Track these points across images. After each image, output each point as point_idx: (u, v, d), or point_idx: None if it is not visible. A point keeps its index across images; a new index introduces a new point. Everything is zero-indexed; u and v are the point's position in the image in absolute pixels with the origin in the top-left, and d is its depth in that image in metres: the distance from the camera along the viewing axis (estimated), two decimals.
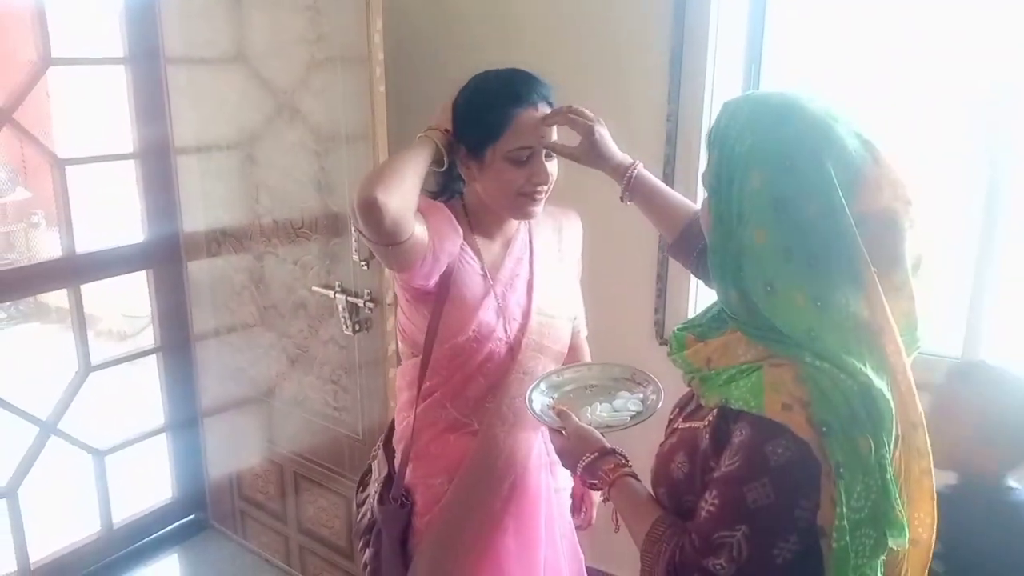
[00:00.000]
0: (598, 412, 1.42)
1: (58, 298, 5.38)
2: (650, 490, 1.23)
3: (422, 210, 1.49)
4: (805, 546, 0.98)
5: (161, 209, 2.89)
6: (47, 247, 5.78)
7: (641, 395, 1.46)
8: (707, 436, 1.08)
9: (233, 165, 2.63)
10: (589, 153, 1.54)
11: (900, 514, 0.99)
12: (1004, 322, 2.08)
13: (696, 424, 1.13)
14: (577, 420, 1.36)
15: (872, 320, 0.99)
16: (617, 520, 1.26)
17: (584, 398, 1.48)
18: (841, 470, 0.95)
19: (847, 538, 0.96)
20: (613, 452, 1.28)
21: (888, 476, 0.98)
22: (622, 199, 1.56)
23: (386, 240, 1.40)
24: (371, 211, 1.34)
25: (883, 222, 0.99)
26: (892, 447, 0.99)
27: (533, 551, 1.69)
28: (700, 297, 2.43)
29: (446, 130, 1.54)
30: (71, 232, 2.66)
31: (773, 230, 0.99)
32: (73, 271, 2.71)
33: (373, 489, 1.76)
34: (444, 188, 1.67)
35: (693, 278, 2.40)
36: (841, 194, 0.97)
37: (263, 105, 2.46)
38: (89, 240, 2.82)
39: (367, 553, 1.76)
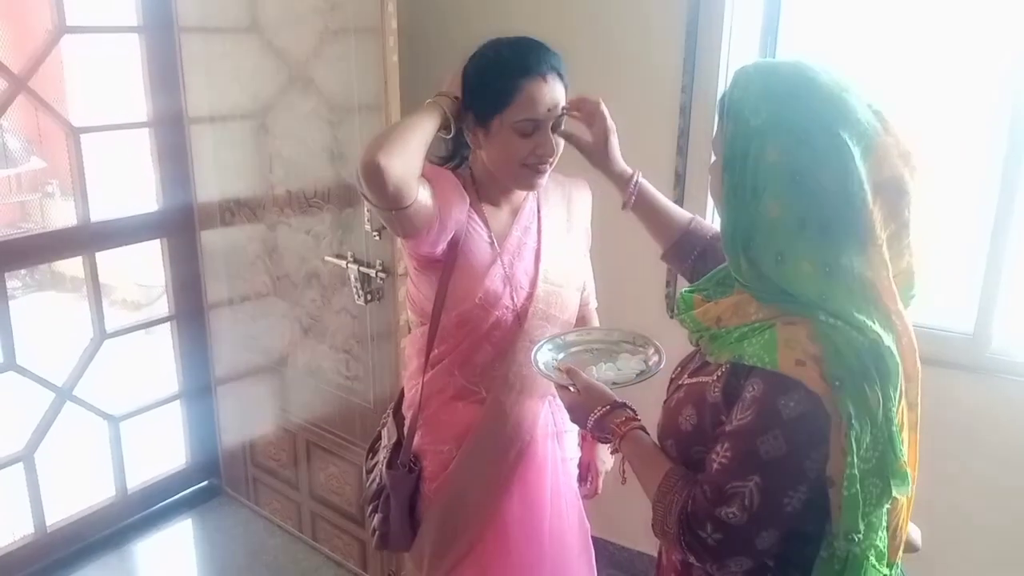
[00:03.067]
0: (603, 371, 1.44)
1: (73, 267, 5.41)
2: (657, 443, 1.26)
3: (428, 177, 1.49)
4: (813, 494, 1.03)
5: (175, 178, 2.90)
6: (62, 216, 5.81)
7: (643, 356, 1.49)
8: (717, 390, 1.11)
9: (247, 135, 2.64)
10: (598, 153, 1.58)
11: (904, 464, 1.05)
12: (1018, 299, 2.07)
13: (704, 379, 1.15)
14: (586, 376, 1.38)
15: (876, 281, 1.03)
16: (624, 472, 1.30)
17: (587, 359, 1.50)
18: (853, 422, 0.99)
19: (857, 486, 1.01)
20: (624, 406, 1.31)
21: (894, 428, 1.03)
22: (624, 207, 1.60)
23: (389, 204, 1.40)
24: (374, 175, 1.35)
25: (894, 189, 1.02)
26: (897, 401, 1.04)
27: (538, 519, 1.71)
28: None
29: (456, 97, 1.54)
30: (86, 201, 2.68)
31: (788, 202, 1.02)
32: (88, 240, 2.73)
33: (382, 455, 1.78)
34: (453, 154, 1.67)
35: None
36: (858, 161, 1.00)
37: (277, 75, 2.46)
38: (104, 209, 2.83)
39: (376, 518, 1.78)
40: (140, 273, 5.43)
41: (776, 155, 1.02)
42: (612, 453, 1.31)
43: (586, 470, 1.90)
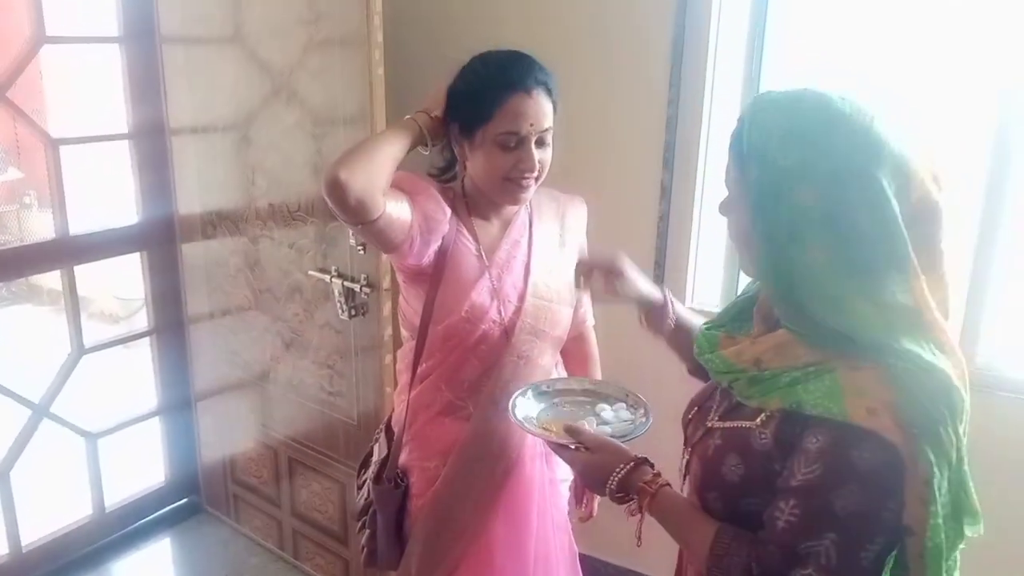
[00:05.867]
0: (596, 427, 1.38)
1: (51, 280, 5.35)
2: (687, 496, 1.19)
3: (407, 190, 1.50)
4: (888, 545, 0.98)
5: (155, 190, 2.86)
6: (40, 228, 5.73)
7: (622, 406, 1.45)
8: (766, 437, 1.05)
9: (229, 147, 2.60)
10: (617, 290, 1.45)
11: (975, 502, 1.02)
12: (1003, 320, 2.07)
13: (744, 424, 1.09)
14: (593, 432, 1.30)
15: (928, 315, 1.00)
16: (640, 534, 1.22)
17: (567, 413, 1.45)
18: (933, 469, 0.95)
19: (941, 536, 0.97)
20: (646, 461, 1.22)
21: (965, 468, 1.00)
22: (661, 333, 1.46)
23: (353, 219, 1.42)
24: (334, 189, 1.37)
25: (929, 216, 0.99)
26: (964, 437, 1.00)
27: (523, 540, 1.68)
28: (698, 281, 2.43)
29: (435, 115, 1.54)
30: (64, 213, 2.63)
31: (829, 244, 0.98)
32: (66, 252, 2.68)
33: (371, 470, 1.76)
34: (448, 168, 1.66)
35: (692, 262, 2.40)
36: (894, 200, 0.96)
37: (260, 86, 2.43)
38: (82, 221, 2.79)
39: (364, 534, 1.76)
40: (119, 286, 5.36)
41: (811, 199, 0.97)
42: (633, 514, 1.20)
43: (581, 492, 1.87)
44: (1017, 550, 2.07)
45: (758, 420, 1.06)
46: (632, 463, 1.20)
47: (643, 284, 1.46)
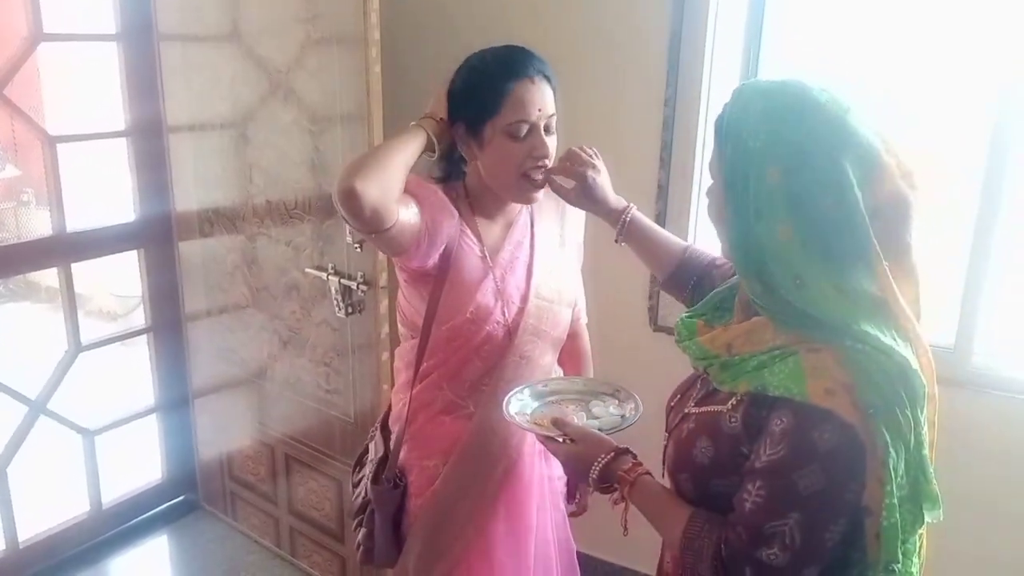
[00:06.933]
0: (584, 420, 1.40)
1: (48, 277, 5.35)
2: (663, 481, 1.22)
3: (414, 194, 1.49)
4: (850, 526, 1.01)
5: (153, 188, 2.87)
6: (37, 226, 5.72)
7: (614, 401, 1.46)
8: (735, 420, 1.08)
9: (226, 144, 2.60)
10: (582, 198, 1.58)
11: (935, 487, 1.04)
12: (998, 312, 2.08)
13: (716, 408, 1.12)
14: (578, 423, 1.32)
15: (891, 302, 1.02)
16: (626, 523, 1.24)
17: (557, 411, 1.46)
18: (889, 449, 0.97)
19: (896, 515, 0.99)
20: (627, 451, 1.25)
21: (924, 452, 1.02)
22: (616, 241, 1.58)
23: (368, 228, 1.41)
24: (349, 200, 1.35)
25: (895, 211, 1.02)
26: (924, 423, 1.03)
27: (523, 537, 1.69)
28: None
29: (440, 119, 1.54)
30: (62, 211, 2.63)
31: (796, 226, 1.01)
32: (63, 250, 2.68)
33: (368, 469, 1.76)
34: (448, 173, 1.65)
35: None
36: (856, 188, 0.99)
37: (257, 84, 2.44)
38: (80, 219, 2.79)
39: (360, 533, 1.76)
40: (116, 283, 5.36)
41: (776, 177, 1.01)
42: (616, 503, 1.23)
43: (573, 487, 1.88)
44: (1017, 549, 2.08)
45: (728, 404, 1.10)
46: (613, 452, 1.23)
47: (611, 195, 1.58)
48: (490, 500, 1.66)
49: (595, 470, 1.22)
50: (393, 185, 1.40)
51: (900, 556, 1.01)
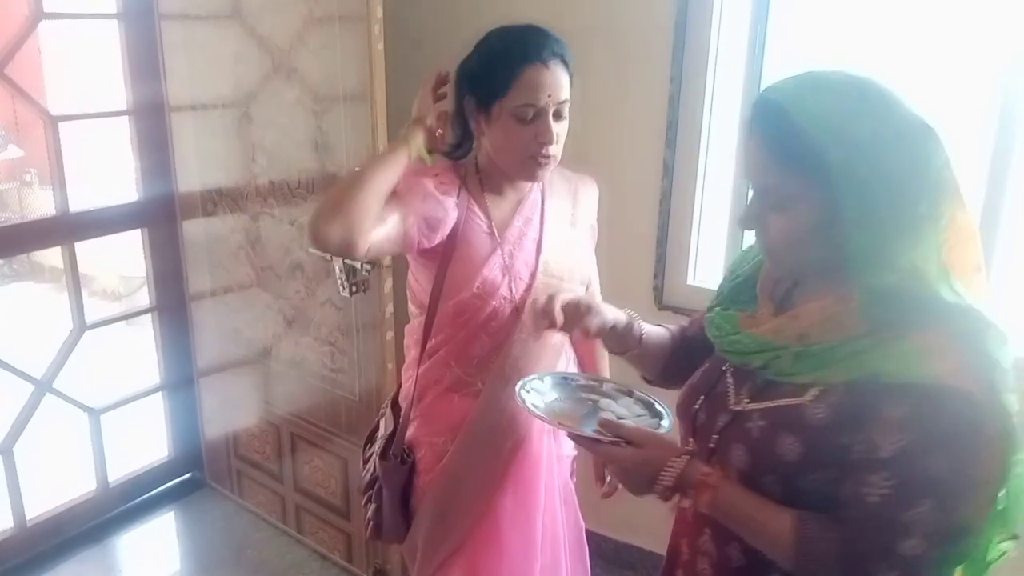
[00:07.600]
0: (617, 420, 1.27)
1: (52, 257, 5.35)
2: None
3: (402, 196, 1.50)
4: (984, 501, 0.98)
5: (156, 168, 2.86)
6: (41, 206, 5.73)
7: (630, 400, 1.37)
8: (821, 412, 1.02)
9: (229, 124, 2.60)
10: (611, 341, 1.42)
11: None
12: (1002, 312, 2.06)
13: (791, 402, 1.05)
14: (635, 425, 1.22)
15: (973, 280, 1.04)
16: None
17: (572, 408, 1.36)
18: (1015, 420, 0.95)
19: (1022, 482, 0.99)
20: (697, 453, 1.15)
21: None
22: (623, 353, 1.42)
23: (344, 256, 1.43)
24: (315, 240, 1.43)
25: (950, 190, 1.02)
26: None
27: (531, 515, 1.69)
28: (700, 263, 2.43)
29: (430, 125, 1.52)
30: (65, 190, 2.63)
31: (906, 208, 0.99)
32: (67, 229, 2.68)
33: (378, 445, 1.77)
34: (460, 143, 1.64)
35: (693, 243, 2.40)
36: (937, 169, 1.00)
37: (260, 63, 2.42)
38: (83, 199, 2.79)
39: (369, 509, 1.77)
40: (121, 263, 5.37)
41: (894, 164, 0.98)
42: (676, 508, 1.14)
43: (601, 468, 1.81)
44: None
45: (808, 396, 1.04)
46: (687, 455, 1.13)
47: (609, 312, 1.39)
48: (498, 478, 1.67)
49: (667, 476, 1.11)
50: (362, 219, 1.41)
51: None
